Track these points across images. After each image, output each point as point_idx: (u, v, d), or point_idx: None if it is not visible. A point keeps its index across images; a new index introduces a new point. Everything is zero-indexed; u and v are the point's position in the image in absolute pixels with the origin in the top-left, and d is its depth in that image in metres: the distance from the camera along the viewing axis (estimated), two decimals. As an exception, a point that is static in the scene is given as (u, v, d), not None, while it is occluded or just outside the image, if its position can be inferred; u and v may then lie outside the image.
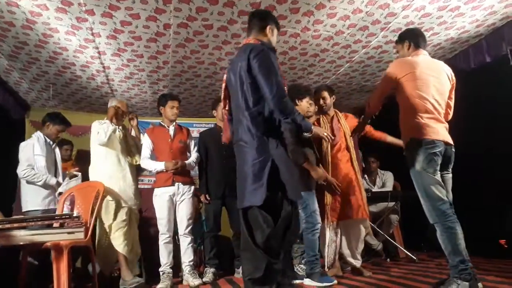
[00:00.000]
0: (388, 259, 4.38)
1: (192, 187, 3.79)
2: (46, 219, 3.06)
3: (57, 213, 3.33)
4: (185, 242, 3.63)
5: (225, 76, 2.47)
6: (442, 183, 2.51)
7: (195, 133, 5.58)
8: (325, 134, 2.67)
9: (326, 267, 3.39)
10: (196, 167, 3.94)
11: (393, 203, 4.41)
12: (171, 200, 3.60)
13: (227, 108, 2.46)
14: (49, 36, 3.59)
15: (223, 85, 2.48)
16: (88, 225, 3.14)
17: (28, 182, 3.69)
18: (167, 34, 3.66)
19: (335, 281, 3.04)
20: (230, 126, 2.46)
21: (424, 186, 2.49)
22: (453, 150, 2.63)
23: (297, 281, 3.17)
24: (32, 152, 3.72)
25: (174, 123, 3.80)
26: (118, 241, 3.36)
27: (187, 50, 4.00)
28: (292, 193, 2.14)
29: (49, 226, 3.00)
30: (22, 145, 3.82)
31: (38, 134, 3.87)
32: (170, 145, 3.68)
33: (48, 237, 2.78)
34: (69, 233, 2.84)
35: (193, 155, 3.83)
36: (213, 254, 3.81)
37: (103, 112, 3.33)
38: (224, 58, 4.23)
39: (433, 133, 2.53)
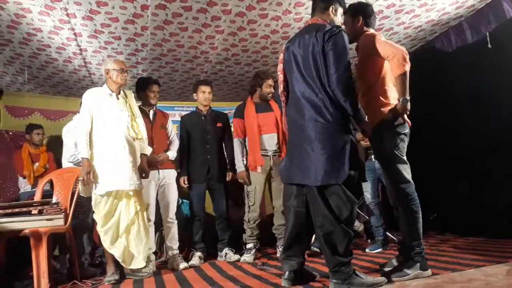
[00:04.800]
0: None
1: (175, 172, 3.78)
2: (24, 206, 3.01)
3: (35, 199, 3.27)
4: (171, 227, 3.64)
5: (281, 56, 2.49)
6: (408, 164, 2.50)
7: (177, 117, 5.54)
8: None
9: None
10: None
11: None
12: (154, 186, 3.58)
13: (285, 91, 2.50)
14: (21, 16, 3.46)
15: (280, 66, 2.49)
16: (68, 211, 3.10)
17: (76, 164, 3.47)
18: (145, 16, 3.56)
19: None
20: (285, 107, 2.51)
21: (394, 168, 2.45)
22: None
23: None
24: None
25: (154, 107, 3.75)
26: (102, 237, 2.98)
27: (166, 33, 3.91)
28: (364, 174, 2.33)
29: (28, 213, 2.95)
30: (65, 130, 3.70)
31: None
32: (150, 129, 3.61)
33: (26, 224, 2.75)
34: (48, 219, 2.82)
35: (174, 146, 3.80)
36: (199, 238, 3.81)
37: (80, 96, 3.22)
38: (204, 42, 4.15)
39: None
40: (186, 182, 3.83)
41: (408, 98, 2.34)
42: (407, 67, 2.35)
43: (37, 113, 5.42)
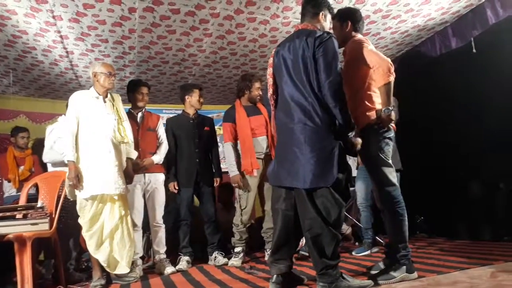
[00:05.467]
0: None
1: (163, 175, 3.75)
2: (9, 210, 2.97)
3: (20, 203, 3.22)
4: (158, 231, 3.61)
5: (271, 60, 2.51)
6: (394, 168, 2.53)
7: (165, 120, 5.50)
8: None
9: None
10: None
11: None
12: (140, 190, 3.55)
13: (274, 95, 2.51)
14: (6, 18, 3.41)
15: (270, 70, 2.51)
16: (53, 215, 3.06)
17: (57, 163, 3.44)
18: (132, 18, 3.54)
19: None
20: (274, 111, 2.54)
21: (379, 171, 2.48)
22: None
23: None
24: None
25: (143, 110, 3.73)
26: (87, 241, 2.95)
27: (154, 36, 3.90)
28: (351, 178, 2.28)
29: (12, 218, 2.90)
30: (48, 130, 3.65)
31: (64, 117, 3.61)
32: (137, 132, 3.58)
33: (10, 229, 2.71)
34: (32, 224, 2.78)
35: (161, 149, 3.72)
36: (186, 242, 3.79)
37: (67, 99, 3.19)
38: (192, 45, 4.15)
39: None
40: (176, 187, 3.80)
41: (391, 108, 2.39)
42: (392, 78, 2.39)
43: (22, 116, 5.35)
